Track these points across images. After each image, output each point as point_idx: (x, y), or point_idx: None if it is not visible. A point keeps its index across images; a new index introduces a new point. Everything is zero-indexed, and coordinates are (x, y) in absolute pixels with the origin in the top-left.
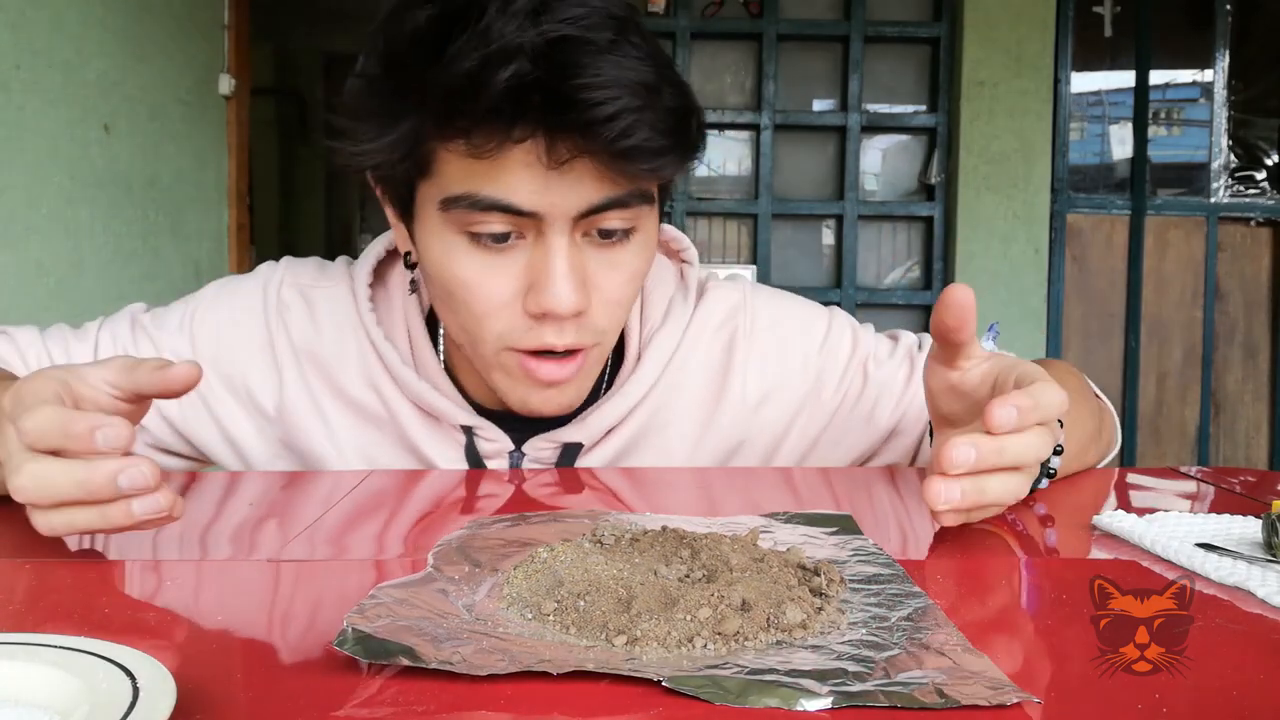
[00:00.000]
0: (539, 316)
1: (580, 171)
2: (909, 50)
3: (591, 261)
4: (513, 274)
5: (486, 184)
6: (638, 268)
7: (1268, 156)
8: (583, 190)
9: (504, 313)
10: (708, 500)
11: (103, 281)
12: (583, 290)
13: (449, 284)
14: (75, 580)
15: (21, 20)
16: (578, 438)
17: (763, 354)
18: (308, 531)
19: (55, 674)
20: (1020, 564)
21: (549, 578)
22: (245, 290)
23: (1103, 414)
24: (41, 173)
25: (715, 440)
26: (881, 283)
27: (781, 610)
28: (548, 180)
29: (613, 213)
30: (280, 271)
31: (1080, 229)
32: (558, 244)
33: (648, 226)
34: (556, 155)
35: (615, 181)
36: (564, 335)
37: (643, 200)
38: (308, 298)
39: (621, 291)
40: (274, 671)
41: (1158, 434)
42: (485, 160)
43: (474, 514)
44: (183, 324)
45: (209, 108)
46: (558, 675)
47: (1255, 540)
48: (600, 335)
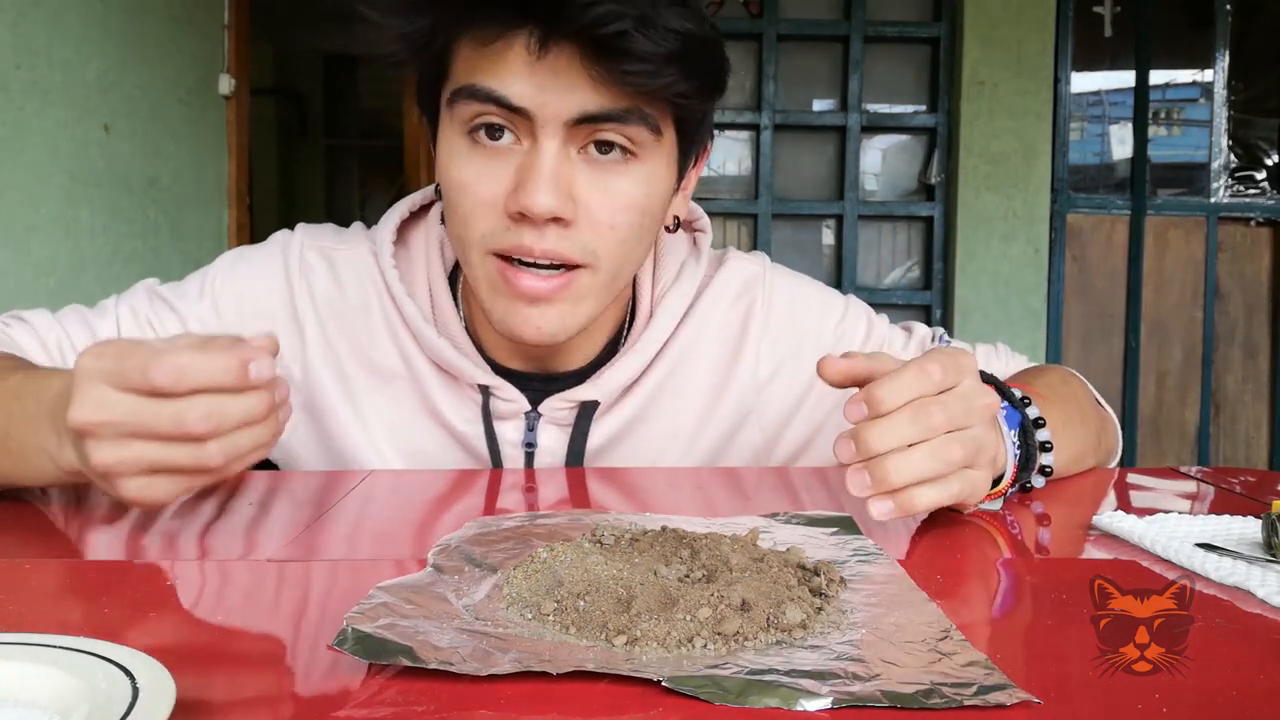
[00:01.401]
0: (517, 217)
1: (575, 76)
2: (909, 50)
3: (583, 176)
4: (502, 176)
5: (485, 76)
6: (635, 199)
7: (1268, 156)
8: (576, 94)
9: (489, 213)
10: (707, 501)
11: (103, 281)
12: (564, 197)
13: (449, 187)
14: (75, 580)
15: (21, 20)
16: (593, 395)
17: (777, 329)
18: (308, 531)
19: (55, 674)
20: (1020, 564)
21: (549, 578)
22: (264, 255)
23: (1104, 422)
24: (41, 173)
25: (725, 410)
26: (881, 283)
27: (781, 610)
28: (541, 78)
29: (608, 126)
30: (299, 236)
31: (1080, 229)
32: (546, 147)
33: (651, 159)
34: (546, 48)
35: (610, 93)
36: (542, 240)
37: (643, 123)
38: (330, 259)
39: (614, 216)
40: (274, 671)
41: (1158, 434)
42: (488, 54)
43: (474, 514)
44: (203, 291)
45: (209, 108)
46: (558, 675)
47: (1255, 540)
48: (587, 255)
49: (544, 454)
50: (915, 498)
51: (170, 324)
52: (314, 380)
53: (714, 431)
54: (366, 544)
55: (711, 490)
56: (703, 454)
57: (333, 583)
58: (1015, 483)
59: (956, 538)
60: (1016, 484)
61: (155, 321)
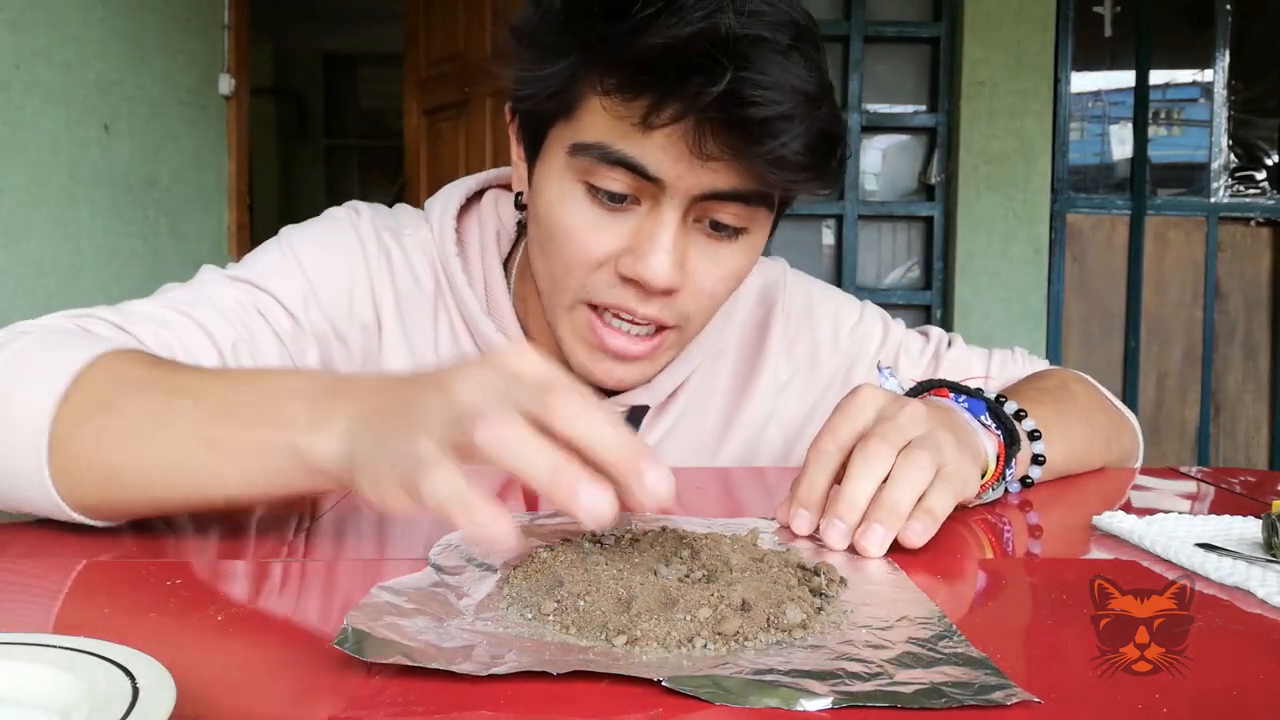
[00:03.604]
0: (629, 281)
1: (717, 159)
2: (909, 50)
3: (694, 248)
4: (618, 234)
5: (623, 141)
6: (738, 269)
7: (1268, 156)
8: (714, 178)
9: (597, 268)
10: (709, 501)
11: (103, 281)
12: (680, 270)
13: (553, 228)
14: (76, 580)
15: (21, 20)
16: (645, 400)
17: (796, 332)
18: (308, 531)
19: (55, 674)
20: (1020, 564)
21: (549, 578)
22: (337, 231)
23: (1119, 425)
24: (41, 173)
25: (749, 413)
26: (881, 283)
27: (781, 610)
28: (682, 152)
29: (732, 205)
30: (366, 216)
31: (1080, 229)
32: (669, 217)
33: (758, 231)
34: (704, 148)
35: (747, 181)
36: (647, 306)
37: (762, 202)
38: (400, 242)
39: (716, 286)
40: (274, 671)
41: (1158, 434)
42: (629, 116)
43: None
44: (288, 270)
45: (209, 108)
46: (558, 675)
47: (1255, 540)
48: (682, 319)
49: None
50: (931, 506)
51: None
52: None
53: (741, 433)
54: (366, 544)
55: (713, 491)
56: (731, 456)
57: (332, 583)
58: (1007, 459)
59: (957, 538)
60: (1009, 460)
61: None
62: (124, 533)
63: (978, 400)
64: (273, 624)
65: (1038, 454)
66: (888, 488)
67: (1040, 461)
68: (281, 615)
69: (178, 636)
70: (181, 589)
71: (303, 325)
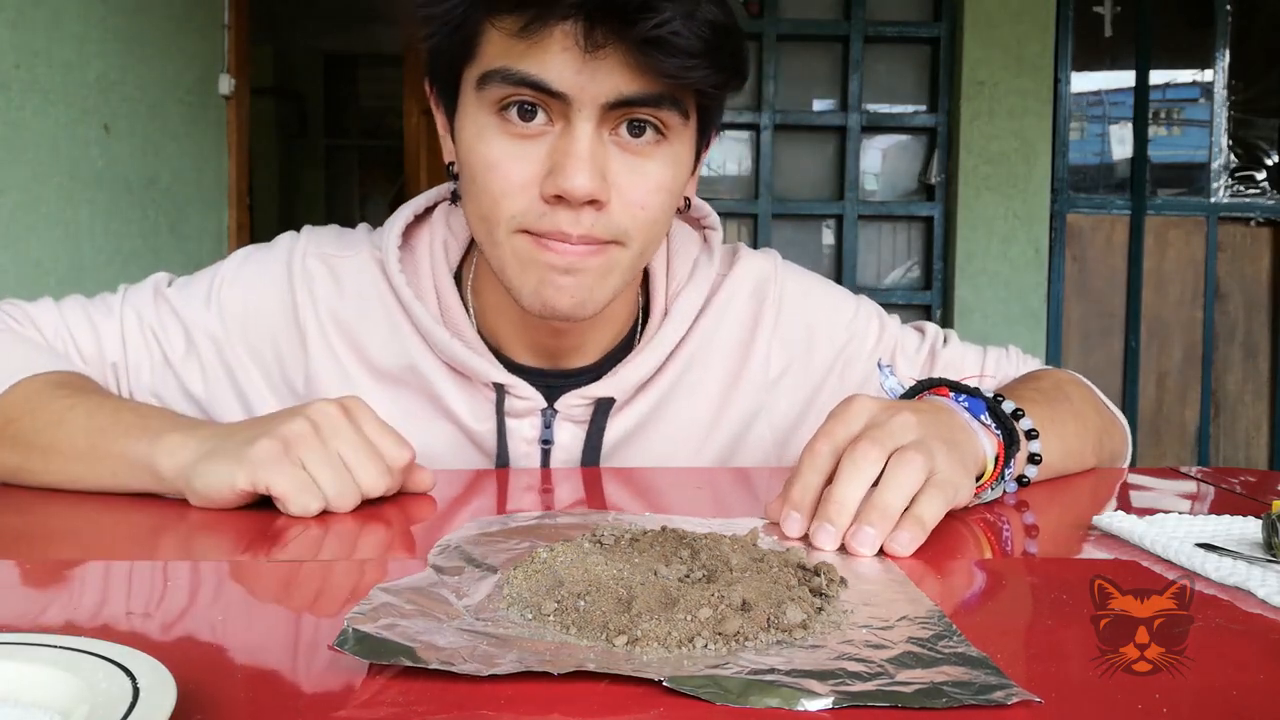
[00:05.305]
0: (554, 200)
1: (613, 62)
2: (909, 50)
3: (615, 160)
4: (535, 158)
5: (522, 60)
6: (663, 181)
7: (1268, 156)
8: (613, 79)
9: (521, 195)
10: (709, 501)
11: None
12: (600, 179)
13: (475, 167)
14: (76, 580)
15: (21, 20)
16: (609, 392)
17: (788, 326)
18: (308, 531)
19: (55, 674)
20: (1020, 564)
21: (549, 578)
22: (270, 261)
23: (1109, 425)
24: (41, 173)
25: (737, 408)
26: (881, 283)
27: (782, 610)
28: (580, 64)
29: (642, 109)
30: (303, 241)
31: (1080, 229)
32: (582, 130)
33: (678, 142)
34: (593, 39)
35: (646, 79)
36: (579, 223)
37: (674, 107)
38: (332, 266)
39: (646, 198)
40: (274, 671)
41: (1158, 434)
42: (525, 40)
43: (475, 514)
44: (210, 298)
45: (209, 108)
46: (558, 675)
47: (1255, 540)
48: (620, 233)
49: (560, 451)
50: (921, 514)
51: (175, 335)
52: (317, 388)
53: (726, 429)
54: (366, 544)
55: (713, 491)
56: (715, 452)
57: (332, 583)
58: (1006, 459)
59: (956, 538)
60: (1008, 460)
61: (160, 331)
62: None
63: (978, 400)
64: (273, 624)
65: (1034, 453)
66: (878, 491)
67: (1036, 461)
68: (282, 615)
69: (178, 636)
70: (182, 589)
71: (200, 351)
